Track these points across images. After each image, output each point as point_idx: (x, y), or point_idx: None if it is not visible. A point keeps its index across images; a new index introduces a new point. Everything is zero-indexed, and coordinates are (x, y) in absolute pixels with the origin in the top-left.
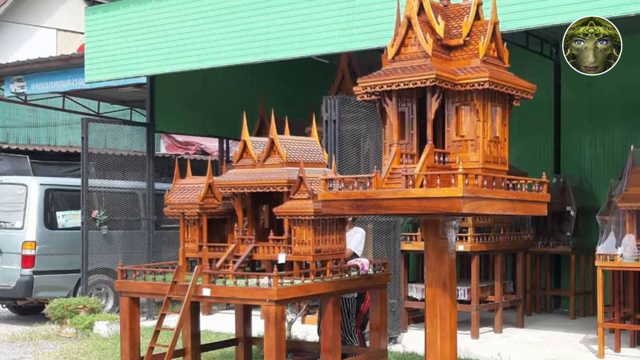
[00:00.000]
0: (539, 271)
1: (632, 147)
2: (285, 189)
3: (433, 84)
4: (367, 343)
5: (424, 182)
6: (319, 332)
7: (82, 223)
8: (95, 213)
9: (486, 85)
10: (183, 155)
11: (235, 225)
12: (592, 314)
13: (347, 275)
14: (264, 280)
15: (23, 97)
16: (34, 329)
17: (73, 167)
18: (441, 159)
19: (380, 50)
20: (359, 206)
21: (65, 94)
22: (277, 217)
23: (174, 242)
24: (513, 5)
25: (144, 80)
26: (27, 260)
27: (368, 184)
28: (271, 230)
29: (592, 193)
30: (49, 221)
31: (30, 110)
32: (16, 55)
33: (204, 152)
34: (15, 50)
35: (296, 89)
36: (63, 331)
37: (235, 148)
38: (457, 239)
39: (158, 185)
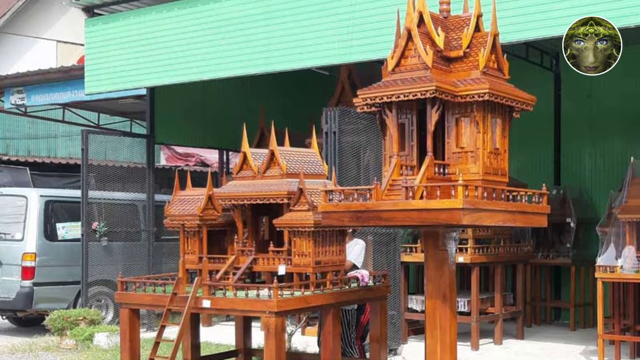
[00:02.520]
0: (539, 283)
1: (632, 158)
2: (285, 201)
3: (433, 95)
4: (367, 355)
5: (424, 193)
6: (319, 344)
7: (82, 235)
8: (95, 225)
9: (486, 97)
10: (183, 166)
11: (235, 237)
12: (592, 326)
13: (347, 287)
14: (264, 292)
15: (23, 109)
16: (34, 340)
17: (73, 178)
18: (441, 170)
19: (380, 62)
20: (359, 218)
21: (65, 106)
22: (277, 229)
23: (174, 254)
24: (513, 17)
25: (144, 91)
26: (27, 272)
27: (368, 195)
28: (271, 242)
29: (592, 204)
30: (49, 233)
31: (30, 121)
32: (16, 66)
33: (204, 164)
34: (15, 61)
35: (296, 101)
36: (63, 343)
37: (235, 159)
38: (457, 250)
39: (158, 197)
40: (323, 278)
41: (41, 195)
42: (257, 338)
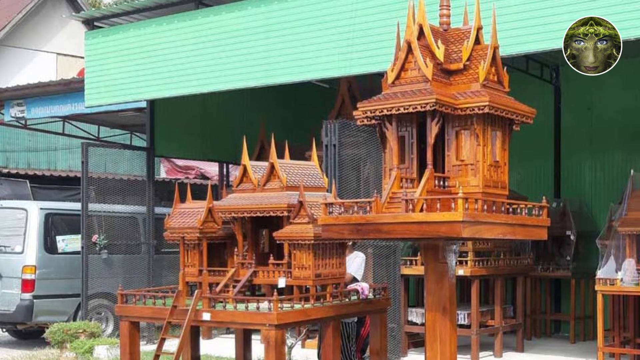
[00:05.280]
0: (539, 295)
1: (632, 171)
2: (285, 213)
3: (433, 108)
4: None
5: (424, 206)
6: (319, 357)
7: (82, 247)
8: (95, 237)
9: (486, 110)
10: (183, 179)
11: (235, 250)
12: (592, 339)
13: (347, 300)
14: (264, 305)
15: (23, 122)
16: (34, 353)
17: (73, 191)
18: (441, 183)
19: (380, 75)
20: (359, 230)
21: (65, 119)
22: (277, 242)
23: (174, 267)
24: (513, 30)
25: (144, 104)
26: (27, 285)
27: (368, 208)
28: (271, 255)
29: (592, 217)
30: (49, 245)
31: (30, 134)
32: (16, 79)
33: (204, 177)
34: (15, 74)
35: (296, 113)
36: (63, 355)
37: (235, 172)
38: (457, 263)
39: (158, 210)
40: (323, 291)
41: (41, 208)
42: (257, 351)
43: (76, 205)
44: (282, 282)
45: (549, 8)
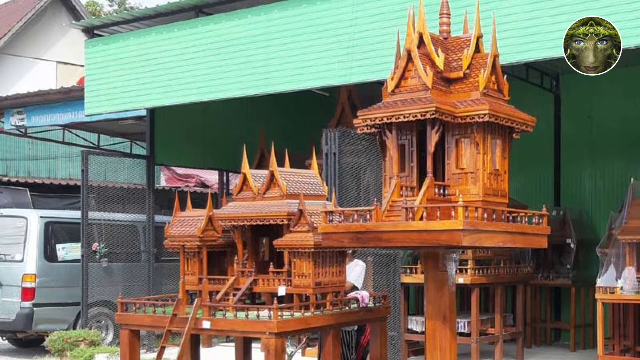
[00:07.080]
0: (539, 304)
1: (632, 179)
2: (285, 222)
3: (433, 116)
4: None
5: (424, 214)
6: None
7: (82, 256)
8: (95, 246)
9: (486, 118)
10: (183, 187)
11: (236, 258)
12: (592, 347)
13: (347, 308)
14: (264, 313)
15: (23, 130)
16: None
17: (73, 199)
18: (441, 191)
19: (380, 83)
20: (359, 239)
21: (65, 127)
22: (277, 250)
23: (174, 275)
24: (513, 38)
25: (144, 112)
26: (27, 293)
27: (368, 216)
28: (271, 263)
29: (592, 225)
30: (49, 254)
31: (30, 142)
32: (16, 87)
33: (204, 185)
34: (15, 82)
35: (296, 122)
36: None
37: (235, 181)
38: (457, 271)
39: (158, 218)
40: (323, 299)
41: (41, 216)
42: (257, 359)
43: (76, 214)
44: (282, 291)
45: (549, 16)
